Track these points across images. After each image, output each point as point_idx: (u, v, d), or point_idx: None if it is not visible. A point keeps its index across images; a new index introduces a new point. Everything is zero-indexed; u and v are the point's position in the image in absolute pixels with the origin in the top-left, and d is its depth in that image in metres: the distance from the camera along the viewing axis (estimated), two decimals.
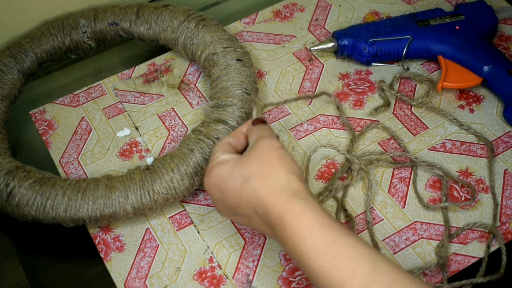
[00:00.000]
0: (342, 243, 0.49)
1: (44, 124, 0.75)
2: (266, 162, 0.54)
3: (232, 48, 0.74)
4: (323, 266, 0.48)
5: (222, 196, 0.56)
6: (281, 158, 0.54)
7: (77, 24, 0.78)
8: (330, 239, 0.49)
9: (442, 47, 0.75)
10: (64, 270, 0.64)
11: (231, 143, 0.59)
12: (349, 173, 0.68)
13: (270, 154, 0.54)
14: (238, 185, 0.54)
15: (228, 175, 0.55)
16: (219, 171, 0.55)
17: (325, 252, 0.48)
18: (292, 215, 0.51)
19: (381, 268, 0.47)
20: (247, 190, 0.53)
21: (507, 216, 0.64)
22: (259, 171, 0.53)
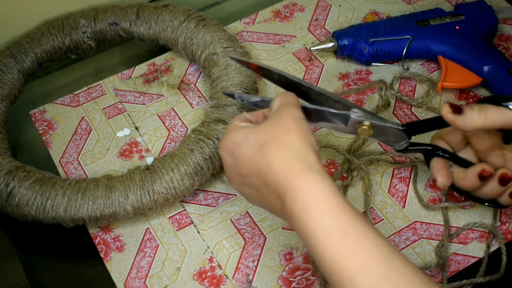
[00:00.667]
0: (357, 231, 0.45)
1: (44, 124, 0.75)
2: (284, 130, 0.51)
3: (232, 48, 0.74)
4: (334, 253, 0.45)
5: (235, 162, 0.53)
6: (301, 128, 0.51)
7: (77, 24, 0.78)
8: (345, 224, 0.46)
9: (442, 47, 0.75)
10: (64, 270, 0.64)
11: (249, 118, 0.57)
12: (349, 173, 0.68)
13: (289, 123, 0.52)
14: (251, 152, 0.51)
15: (243, 140, 0.52)
16: (235, 136, 0.53)
17: (338, 238, 0.45)
18: (306, 189, 0.47)
19: (396, 265, 0.44)
20: (260, 157, 0.50)
21: (507, 216, 0.64)
22: (275, 138, 0.51)
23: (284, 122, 0.52)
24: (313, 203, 0.47)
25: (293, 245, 0.63)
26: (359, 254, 0.45)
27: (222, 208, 0.66)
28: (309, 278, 0.61)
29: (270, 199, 0.51)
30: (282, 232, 0.64)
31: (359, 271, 0.44)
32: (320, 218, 0.46)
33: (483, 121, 0.54)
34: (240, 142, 0.53)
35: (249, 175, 0.52)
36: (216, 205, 0.67)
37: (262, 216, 0.65)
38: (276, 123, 0.52)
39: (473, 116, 0.55)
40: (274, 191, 0.50)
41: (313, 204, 0.47)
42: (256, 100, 0.60)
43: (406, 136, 0.60)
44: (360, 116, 0.58)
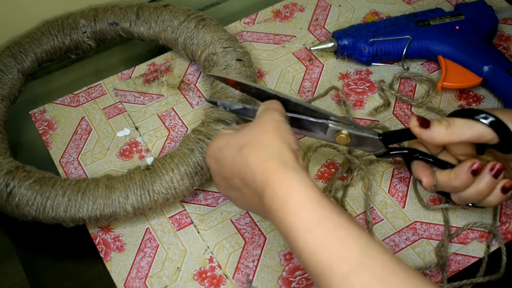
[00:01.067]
0: (333, 223, 0.47)
1: (44, 124, 0.75)
2: (261, 132, 0.53)
3: (232, 48, 0.74)
4: (311, 244, 0.46)
5: (219, 167, 0.55)
6: (277, 129, 0.53)
7: (77, 24, 0.78)
8: (321, 216, 0.47)
9: (442, 47, 0.75)
10: (64, 270, 0.64)
11: (236, 128, 0.58)
12: (349, 173, 0.68)
13: (267, 124, 0.54)
14: (232, 155, 0.53)
15: (224, 145, 0.54)
16: (218, 142, 0.55)
17: (315, 230, 0.46)
18: (281, 185, 0.49)
19: (372, 253, 0.45)
20: (240, 159, 0.52)
21: (507, 216, 0.64)
22: (253, 140, 0.53)
23: (263, 124, 0.54)
24: (289, 197, 0.48)
25: None
26: (336, 243, 0.46)
27: (222, 208, 0.66)
28: (309, 278, 0.61)
29: (251, 199, 0.53)
30: None
31: (336, 260, 0.45)
32: (297, 212, 0.47)
33: (449, 136, 0.56)
34: (222, 147, 0.54)
35: (232, 178, 0.54)
36: (216, 205, 0.67)
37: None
38: (255, 126, 0.54)
39: (440, 131, 0.56)
40: (254, 190, 0.51)
41: (289, 199, 0.48)
42: (238, 107, 0.62)
43: (383, 144, 0.61)
44: (338, 125, 0.60)
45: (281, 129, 0.53)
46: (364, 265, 0.44)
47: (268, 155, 0.51)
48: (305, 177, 0.49)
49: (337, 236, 0.46)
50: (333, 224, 0.47)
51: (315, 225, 0.47)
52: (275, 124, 0.54)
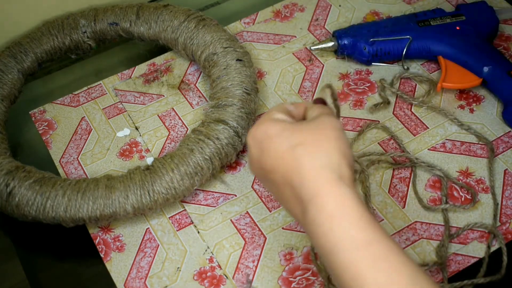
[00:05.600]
0: (384, 245, 0.44)
1: (44, 124, 0.75)
2: (322, 136, 0.48)
3: (232, 48, 0.74)
4: (359, 264, 0.43)
5: (261, 155, 0.50)
6: (340, 139, 0.48)
7: (77, 24, 0.78)
8: (373, 237, 0.44)
9: (442, 48, 0.75)
10: (64, 270, 0.64)
11: (291, 111, 0.52)
12: None
13: (330, 130, 0.48)
14: (282, 149, 0.48)
15: (275, 135, 0.49)
16: (268, 128, 0.49)
17: (365, 249, 0.43)
18: (334, 198, 0.45)
19: (420, 281, 0.42)
20: (290, 157, 0.47)
21: (507, 216, 0.64)
22: (311, 141, 0.48)
23: (325, 128, 0.49)
24: (340, 212, 0.45)
25: (293, 245, 0.63)
26: (385, 267, 0.43)
27: (222, 208, 0.66)
28: (309, 278, 0.61)
29: (290, 201, 0.49)
30: (282, 232, 0.64)
31: (384, 284, 0.42)
32: (347, 228, 0.44)
33: None
34: (272, 135, 0.49)
35: (274, 172, 0.49)
36: (216, 205, 0.67)
37: (262, 216, 0.65)
38: (315, 127, 0.49)
39: None
40: (298, 194, 0.47)
41: (340, 214, 0.45)
42: None
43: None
44: None
45: (343, 140, 0.48)
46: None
47: (325, 164, 0.46)
48: (358, 197, 0.46)
49: (387, 260, 0.43)
50: (384, 247, 0.44)
51: (366, 245, 0.44)
52: (337, 133, 0.49)
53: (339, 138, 0.48)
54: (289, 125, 0.49)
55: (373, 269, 0.43)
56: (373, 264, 0.43)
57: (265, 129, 0.50)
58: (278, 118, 0.50)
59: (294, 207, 0.48)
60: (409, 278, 0.42)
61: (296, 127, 0.49)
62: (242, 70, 0.72)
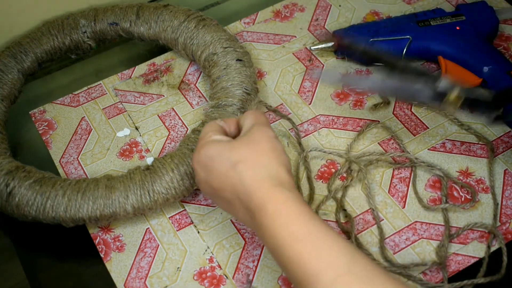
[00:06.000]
0: (323, 234, 0.48)
1: (44, 124, 0.75)
2: (258, 150, 0.53)
3: (232, 48, 0.74)
4: (301, 254, 0.48)
5: (208, 176, 0.55)
6: (274, 149, 0.53)
7: (77, 24, 0.78)
8: (312, 229, 0.49)
9: (442, 48, 0.75)
10: (64, 270, 0.64)
11: (223, 127, 0.58)
12: (348, 174, 0.68)
13: (264, 142, 0.54)
14: (225, 169, 0.53)
15: (217, 156, 0.54)
16: (209, 151, 0.54)
17: (305, 240, 0.48)
18: (275, 202, 0.50)
19: (359, 261, 0.47)
20: (233, 175, 0.52)
21: (507, 216, 0.64)
22: (248, 157, 0.53)
23: (259, 141, 0.54)
24: (281, 212, 0.50)
25: None
26: (324, 252, 0.47)
27: None
28: None
29: (240, 212, 0.54)
30: None
31: (323, 267, 0.47)
32: (288, 225, 0.49)
33: None
34: (214, 157, 0.54)
35: (222, 190, 0.54)
36: (216, 205, 0.66)
37: None
38: (250, 141, 0.54)
39: None
40: (246, 205, 0.52)
41: (281, 214, 0.50)
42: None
43: (495, 105, 0.58)
44: (448, 85, 0.57)
45: (278, 149, 0.54)
46: (351, 271, 0.46)
47: (265, 175, 0.52)
48: (299, 197, 0.51)
49: (326, 246, 0.48)
50: (323, 235, 0.48)
51: (306, 236, 0.48)
52: (271, 143, 0.54)
53: (273, 149, 0.53)
54: (226, 144, 0.54)
55: (314, 256, 0.47)
56: (313, 252, 0.47)
57: (205, 152, 0.55)
58: (216, 139, 0.55)
59: (245, 217, 0.53)
60: (347, 259, 0.47)
61: (233, 145, 0.54)
62: (242, 70, 0.72)
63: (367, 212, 0.65)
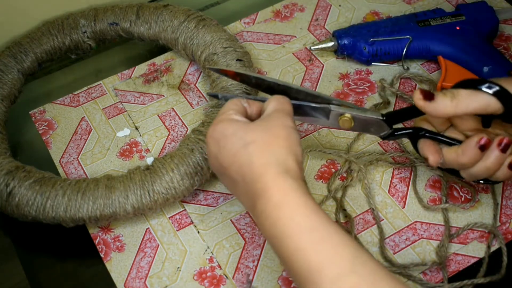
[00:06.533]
0: (327, 229, 0.47)
1: (44, 124, 0.75)
2: (272, 135, 0.52)
3: (232, 48, 0.74)
4: (304, 247, 0.47)
5: (218, 152, 0.54)
6: (288, 137, 0.53)
7: (77, 24, 0.78)
8: (316, 223, 0.48)
9: (442, 48, 0.75)
10: (64, 270, 0.64)
11: (246, 108, 0.57)
12: (348, 173, 0.68)
13: (279, 129, 0.53)
14: (236, 148, 0.52)
15: (231, 134, 0.53)
16: (224, 128, 0.54)
17: (310, 233, 0.47)
18: (279, 189, 0.49)
19: (362, 259, 0.46)
20: (243, 155, 0.52)
21: (507, 216, 0.64)
22: (261, 140, 0.52)
23: (275, 127, 0.53)
24: (285, 202, 0.49)
25: None
26: (328, 248, 0.46)
27: (222, 208, 0.66)
28: None
29: (244, 194, 0.53)
30: None
31: (326, 263, 0.46)
32: (292, 216, 0.48)
33: (454, 107, 0.55)
34: (228, 135, 0.53)
35: (229, 168, 0.53)
36: (216, 205, 0.67)
37: None
38: (266, 126, 0.53)
39: (445, 103, 0.55)
40: (250, 189, 0.51)
41: (285, 204, 0.49)
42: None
43: (387, 125, 0.60)
44: (340, 108, 0.59)
45: (292, 138, 0.53)
46: (355, 270, 0.45)
47: (273, 161, 0.51)
48: (303, 187, 0.50)
49: (330, 242, 0.47)
50: (327, 231, 0.47)
51: (309, 229, 0.47)
52: (286, 131, 0.53)
53: (287, 136, 0.53)
54: (243, 124, 0.54)
55: (317, 251, 0.46)
56: (317, 247, 0.46)
57: (221, 129, 0.54)
58: (234, 119, 0.54)
59: (247, 201, 0.53)
60: (350, 257, 0.46)
61: (249, 126, 0.53)
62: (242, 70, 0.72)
63: (367, 212, 0.65)
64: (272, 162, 0.51)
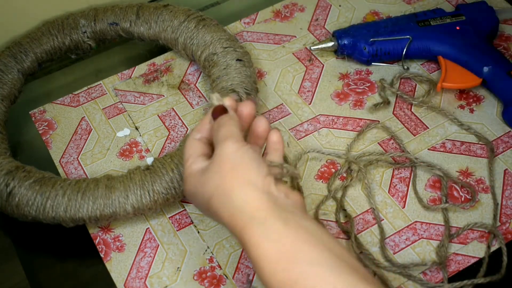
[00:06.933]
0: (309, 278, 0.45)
1: (44, 124, 0.75)
2: (221, 178, 0.50)
3: (232, 48, 0.74)
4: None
5: (198, 207, 0.55)
6: (233, 168, 0.50)
7: (77, 24, 0.78)
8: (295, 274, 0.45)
9: (442, 48, 0.75)
10: (64, 270, 0.64)
11: (200, 140, 0.56)
12: (348, 173, 0.68)
13: (224, 166, 0.50)
14: (205, 204, 0.52)
15: (194, 193, 0.53)
16: (188, 186, 0.54)
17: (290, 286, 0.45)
18: (251, 244, 0.47)
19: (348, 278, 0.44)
20: (211, 210, 0.51)
21: (507, 216, 0.64)
22: (216, 191, 0.50)
23: (221, 166, 0.50)
24: (261, 259, 0.46)
25: None
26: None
27: None
28: None
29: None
30: None
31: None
32: (271, 274, 0.46)
33: None
34: (193, 192, 0.53)
35: (215, 220, 0.53)
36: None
37: None
38: (214, 170, 0.51)
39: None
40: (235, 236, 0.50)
41: (262, 261, 0.46)
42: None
43: None
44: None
45: (238, 167, 0.50)
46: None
47: (234, 209, 0.49)
48: (272, 229, 0.47)
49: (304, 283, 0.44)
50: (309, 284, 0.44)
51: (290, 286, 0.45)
52: (230, 162, 0.50)
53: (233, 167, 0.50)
54: (201, 177, 0.52)
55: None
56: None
57: (188, 187, 0.54)
58: (192, 171, 0.53)
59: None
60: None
61: (204, 178, 0.51)
62: (242, 70, 0.72)
63: (367, 212, 0.65)
64: (234, 211, 0.49)
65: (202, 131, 0.56)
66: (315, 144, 0.71)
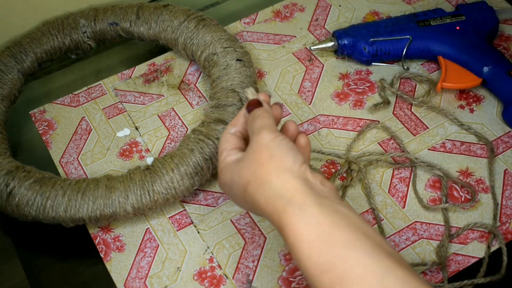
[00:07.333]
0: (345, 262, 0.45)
1: (44, 124, 0.75)
2: (258, 166, 0.51)
3: (232, 48, 0.74)
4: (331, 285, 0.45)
5: (232, 197, 0.55)
6: (271, 156, 0.50)
7: (77, 24, 0.78)
8: (332, 256, 0.45)
9: (442, 48, 0.75)
10: (64, 270, 0.64)
11: (235, 134, 0.57)
12: (348, 173, 0.68)
13: (261, 154, 0.51)
14: (241, 193, 0.52)
15: (230, 183, 0.53)
16: (223, 177, 0.54)
17: (325, 274, 0.45)
18: (290, 227, 0.47)
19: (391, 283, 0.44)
20: (248, 198, 0.51)
21: (507, 216, 0.64)
22: (253, 177, 0.51)
23: (257, 155, 0.51)
24: (299, 242, 0.47)
25: None
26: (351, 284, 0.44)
27: (222, 208, 0.66)
28: None
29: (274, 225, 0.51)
30: None
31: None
32: (308, 256, 0.46)
33: None
34: (229, 183, 0.54)
35: (250, 208, 0.53)
36: (216, 205, 0.67)
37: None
38: (250, 158, 0.52)
39: None
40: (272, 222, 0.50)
41: (298, 242, 0.47)
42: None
43: None
44: None
45: (275, 154, 0.51)
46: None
47: (272, 194, 0.49)
48: (311, 212, 0.47)
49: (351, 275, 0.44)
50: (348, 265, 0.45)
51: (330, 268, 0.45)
52: (267, 151, 0.51)
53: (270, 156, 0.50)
54: (236, 167, 0.53)
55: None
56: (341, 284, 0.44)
57: (222, 179, 0.55)
58: (227, 163, 0.54)
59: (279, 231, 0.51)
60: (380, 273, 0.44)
61: (240, 166, 0.52)
62: (242, 70, 0.72)
63: (367, 212, 0.65)
64: (272, 195, 0.49)
65: (237, 125, 0.57)
66: (315, 144, 0.71)
